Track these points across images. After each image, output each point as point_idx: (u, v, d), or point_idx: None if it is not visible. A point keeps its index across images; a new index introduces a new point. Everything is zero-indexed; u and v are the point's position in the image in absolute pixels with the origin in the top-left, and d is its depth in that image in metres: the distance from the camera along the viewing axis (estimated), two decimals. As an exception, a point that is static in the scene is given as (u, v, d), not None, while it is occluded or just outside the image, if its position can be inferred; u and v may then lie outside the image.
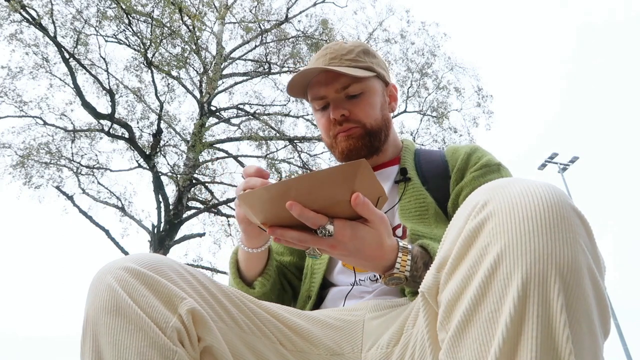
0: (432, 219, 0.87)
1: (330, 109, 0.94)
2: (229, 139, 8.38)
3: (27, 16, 6.58)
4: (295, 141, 8.37)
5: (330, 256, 0.92)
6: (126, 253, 7.04)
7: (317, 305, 0.90)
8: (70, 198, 7.40)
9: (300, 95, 1.01)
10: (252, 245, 0.83)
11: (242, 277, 0.90)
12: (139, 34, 7.30)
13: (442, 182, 0.93)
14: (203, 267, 8.02)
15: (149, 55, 7.24)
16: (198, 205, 8.13)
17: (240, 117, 8.71)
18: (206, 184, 8.36)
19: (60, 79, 7.44)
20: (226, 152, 8.55)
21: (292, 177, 0.59)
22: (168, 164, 7.92)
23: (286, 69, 8.51)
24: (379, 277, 0.70)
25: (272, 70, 8.57)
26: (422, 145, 8.36)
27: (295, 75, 0.93)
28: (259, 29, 8.59)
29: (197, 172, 7.89)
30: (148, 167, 7.34)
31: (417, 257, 0.69)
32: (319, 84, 0.95)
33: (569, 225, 0.41)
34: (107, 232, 7.08)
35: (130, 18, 7.11)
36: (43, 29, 6.65)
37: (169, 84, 8.07)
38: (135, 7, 7.09)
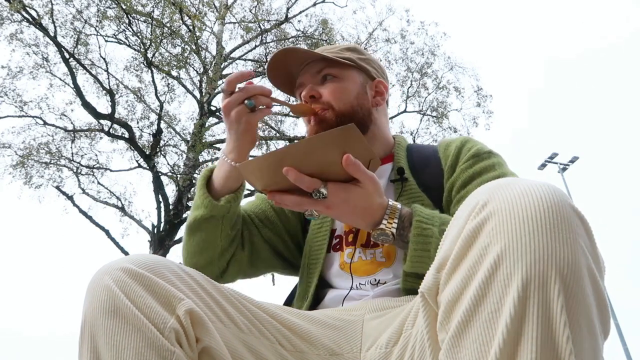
0: None
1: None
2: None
3: (27, 16, 6.59)
4: (295, 141, 8.37)
5: (325, 256, 0.93)
6: (126, 253, 7.04)
7: (315, 306, 0.89)
8: (70, 198, 7.41)
9: (283, 86, 1.04)
10: (242, 158, 0.85)
11: (210, 190, 0.90)
12: (139, 34, 7.30)
13: (436, 180, 0.92)
14: (203, 267, 8.00)
15: (149, 55, 7.25)
16: (198, 205, 8.12)
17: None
18: (206, 184, 8.35)
19: (60, 79, 7.46)
20: (226, 152, 8.53)
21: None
22: (168, 164, 7.93)
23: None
24: (369, 233, 0.72)
25: (272, 71, 8.56)
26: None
27: (268, 64, 0.97)
28: (259, 29, 8.59)
29: (197, 172, 7.88)
30: (148, 167, 7.34)
31: (405, 216, 0.73)
32: (300, 75, 0.99)
33: (568, 226, 0.41)
34: (107, 232, 7.08)
35: (131, 18, 7.11)
36: (43, 29, 6.65)
37: (169, 84, 8.08)
38: (135, 7, 7.09)
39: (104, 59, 7.27)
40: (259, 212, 1.03)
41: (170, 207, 7.27)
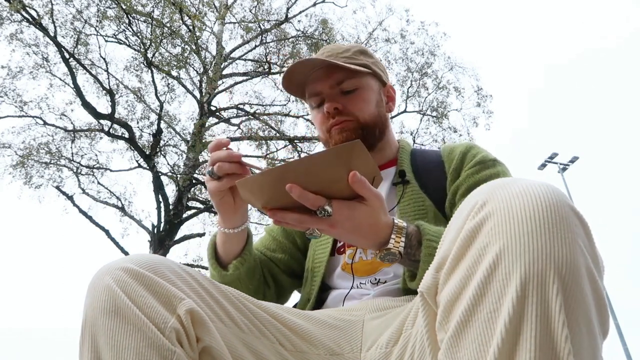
0: (431, 222, 0.87)
1: (325, 104, 0.95)
2: (229, 139, 8.36)
3: (27, 16, 6.59)
4: (295, 141, 8.37)
5: (329, 259, 0.93)
6: (126, 253, 7.04)
7: (317, 308, 0.89)
8: (70, 198, 7.41)
9: (296, 92, 1.02)
10: (229, 225, 0.84)
11: (219, 260, 0.90)
12: (139, 34, 7.30)
13: (439, 183, 0.93)
14: (203, 267, 8.02)
15: (149, 55, 7.25)
16: (198, 205, 8.14)
17: (240, 117, 8.71)
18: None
19: (60, 79, 7.45)
20: (226, 152, 8.53)
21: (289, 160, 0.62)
22: (168, 164, 7.93)
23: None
24: (375, 254, 0.71)
25: (272, 70, 8.56)
26: (422, 145, 8.36)
27: (290, 67, 0.95)
28: (259, 29, 8.58)
29: (197, 172, 7.88)
30: (148, 167, 7.34)
31: (412, 235, 0.70)
32: (315, 80, 0.96)
33: (567, 226, 0.41)
34: (107, 232, 7.08)
35: (131, 18, 7.11)
36: (43, 29, 6.65)
37: (169, 84, 8.08)
38: (135, 7, 7.09)
39: (104, 59, 7.26)
40: (270, 244, 1.04)
41: (170, 207, 7.27)
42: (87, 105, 7.01)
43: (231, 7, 8.92)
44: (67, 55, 6.80)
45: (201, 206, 8.04)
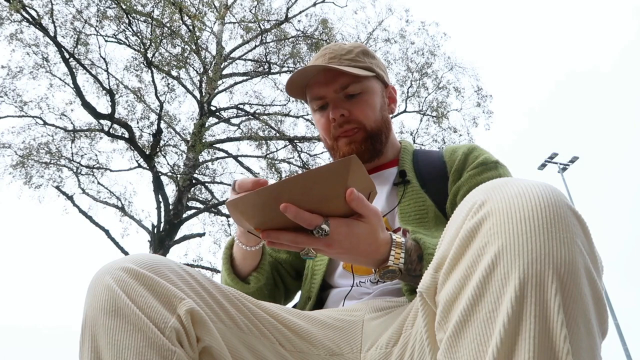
0: (432, 222, 0.87)
1: (329, 109, 0.94)
2: (229, 139, 8.38)
3: (27, 16, 6.59)
4: (295, 141, 8.37)
5: (330, 258, 0.92)
6: (126, 253, 7.04)
7: (318, 306, 0.89)
8: (70, 198, 7.41)
9: (299, 95, 1.00)
10: (250, 243, 0.83)
11: (237, 272, 0.90)
12: (139, 34, 7.30)
13: (440, 183, 0.92)
14: (203, 267, 8.03)
15: (149, 55, 7.25)
16: (198, 205, 8.14)
17: (240, 117, 8.72)
18: (206, 184, 8.37)
19: (60, 79, 7.46)
20: (226, 152, 8.56)
21: (282, 179, 0.59)
22: (168, 164, 7.93)
23: (286, 68, 8.51)
24: (374, 271, 0.70)
25: (272, 70, 8.57)
26: (422, 145, 8.36)
27: (294, 73, 0.93)
28: (259, 29, 8.59)
29: (197, 172, 7.89)
30: (148, 167, 7.34)
31: (411, 249, 0.69)
32: (318, 83, 0.94)
33: (566, 226, 0.41)
34: (107, 232, 7.08)
35: (130, 18, 7.11)
36: (43, 29, 6.65)
37: (169, 84, 8.08)
38: (135, 7, 7.09)
39: (104, 59, 7.26)
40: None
41: (170, 207, 7.27)
42: (87, 105, 7.01)
43: (231, 7, 8.93)
44: (67, 55, 6.80)
45: (201, 206, 8.05)
